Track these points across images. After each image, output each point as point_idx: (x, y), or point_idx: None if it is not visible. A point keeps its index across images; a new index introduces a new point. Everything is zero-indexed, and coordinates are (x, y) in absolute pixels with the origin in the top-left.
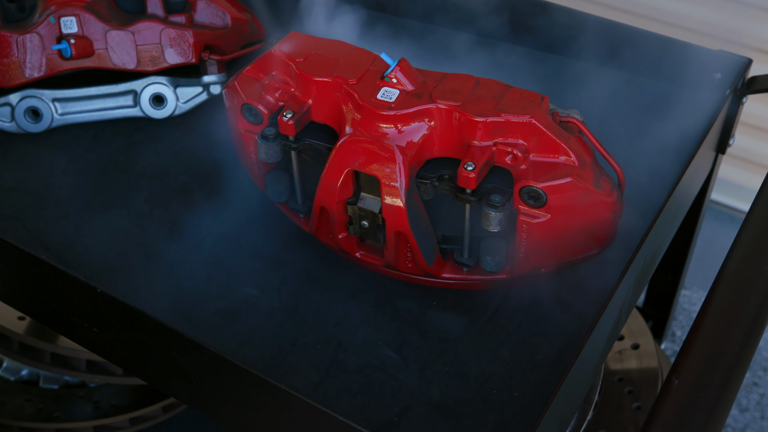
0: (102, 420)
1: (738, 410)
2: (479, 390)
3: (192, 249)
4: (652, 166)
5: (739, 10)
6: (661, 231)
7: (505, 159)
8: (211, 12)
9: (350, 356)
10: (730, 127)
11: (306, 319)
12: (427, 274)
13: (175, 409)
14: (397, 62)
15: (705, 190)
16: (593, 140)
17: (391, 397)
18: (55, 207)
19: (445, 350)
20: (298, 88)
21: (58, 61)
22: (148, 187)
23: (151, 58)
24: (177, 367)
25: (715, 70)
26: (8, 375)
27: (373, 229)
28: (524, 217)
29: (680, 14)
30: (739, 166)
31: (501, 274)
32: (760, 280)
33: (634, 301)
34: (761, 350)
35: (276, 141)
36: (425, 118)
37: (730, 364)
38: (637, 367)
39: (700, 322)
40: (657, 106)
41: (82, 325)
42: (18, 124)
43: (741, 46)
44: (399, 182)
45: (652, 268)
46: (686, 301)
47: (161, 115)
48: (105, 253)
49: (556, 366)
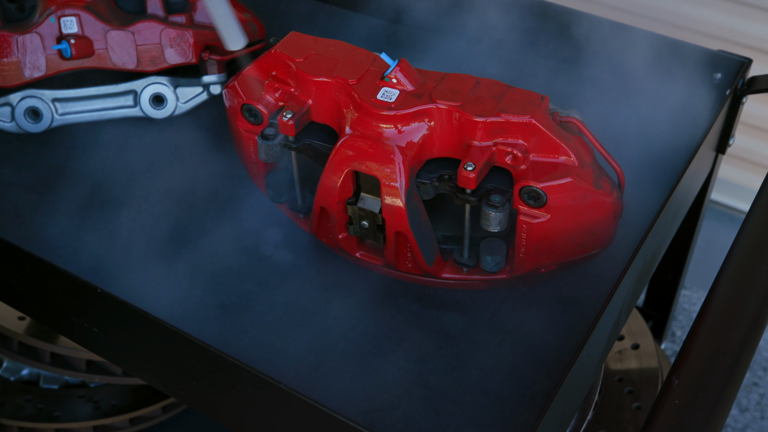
0: (102, 420)
1: (738, 410)
2: (479, 388)
3: (192, 249)
4: (652, 166)
5: (739, 10)
6: (661, 231)
7: (505, 159)
8: None
9: (350, 355)
10: (730, 127)
11: (306, 318)
12: (427, 274)
13: (175, 409)
14: (397, 62)
15: (705, 190)
16: (593, 140)
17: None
18: (56, 208)
19: (444, 348)
20: (298, 88)
21: (58, 61)
22: (148, 186)
23: (151, 58)
24: (177, 367)
25: (715, 70)
26: (8, 375)
27: (373, 229)
28: (524, 217)
29: (680, 14)
30: (739, 166)
31: (501, 274)
32: (760, 280)
33: (634, 301)
34: (761, 350)
35: (276, 141)
36: (425, 118)
37: (730, 364)
38: (637, 367)
39: (700, 322)
40: (657, 106)
41: (82, 325)
42: (18, 124)
43: (741, 46)
44: (399, 182)
45: (652, 268)
46: (686, 301)
47: (161, 115)
48: (105, 253)
49: (556, 366)
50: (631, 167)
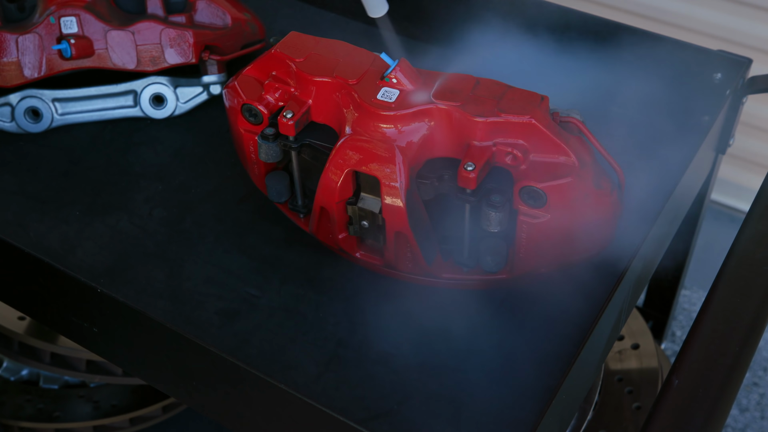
0: (102, 420)
1: (738, 410)
2: (479, 386)
3: (192, 249)
4: (652, 166)
5: (739, 10)
6: (661, 231)
7: (505, 159)
8: (211, 12)
9: (350, 353)
10: (730, 127)
11: (306, 318)
12: (427, 274)
13: (175, 409)
14: (397, 62)
15: (705, 190)
16: (593, 140)
17: (390, 388)
18: (56, 209)
19: (444, 349)
20: (298, 88)
21: (58, 61)
22: (148, 187)
23: (151, 58)
24: (177, 367)
25: (715, 70)
26: (8, 375)
27: (373, 229)
28: (524, 217)
29: (680, 14)
30: (739, 166)
31: (501, 274)
32: (760, 280)
33: (634, 301)
34: (761, 350)
35: (276, 141)
36: (425, 118)
37: (730, 364)
38: (637, 367)
39: (700, 322)
40: (657, 106)
41: (82, 325)
42: (18, 124)
43: (741, 46)
44: (399, 182)
45: (652, 268)
46: (686, 301)
47: (161, 115)
48: (105, 254)
49: (556, 366)
50: (631, 167)
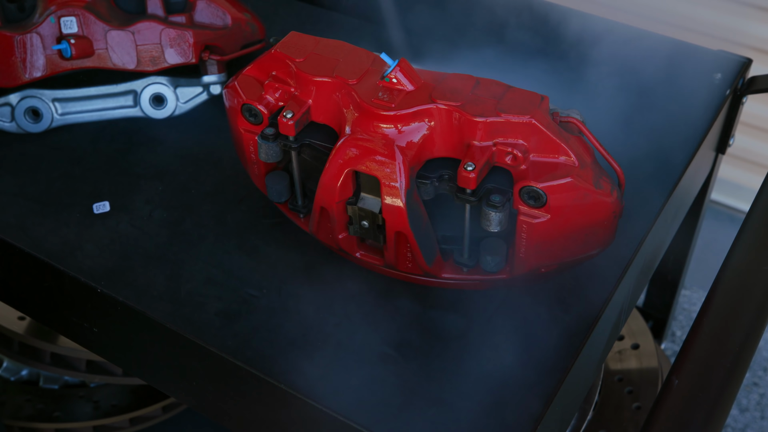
0: (102, 420)
1: (738, 410)
2: (479, 388)
3: (192, 250)
4: (652, 166)
5: (739, 10)
6: (661, 231)
7: (505, 159)
8: (211, 12)
9: (350, 355)
10: (730, 127)
11: (306, 319)
12: (427, 274)
13: (175, 409)
14: (397, 62)
15: (705, 190)
16: (593, 140)
17: (390, 392)
18: (57, 212)
19: (444, 349)
20: (298, 88)
21: (58, 61)
22: (148, 187)
23: (151, 58)
24: (177, 368)
25: (715, 70)
26: (8, 375)
27: (373, 229)
28: (524, 217)
29: (680, 14)
30: (739, 166)
31: (501, 274)
32: (760, 280)
33: (634, 301)
34: (761, 350)
35: (276, 141)
36: (425, 118)
37: (730, 364)
38: (637, 367)
39: (700, 322)
40: (657, 106)
41: (82, 325)
42: (18, 124)
43: (741, 46)
44: (399, 182)
45: (652, 268)
46: (686, 301)
47: (161, 115)
48: (105, 255)
49: (556, 366)
50: (631, 167)
